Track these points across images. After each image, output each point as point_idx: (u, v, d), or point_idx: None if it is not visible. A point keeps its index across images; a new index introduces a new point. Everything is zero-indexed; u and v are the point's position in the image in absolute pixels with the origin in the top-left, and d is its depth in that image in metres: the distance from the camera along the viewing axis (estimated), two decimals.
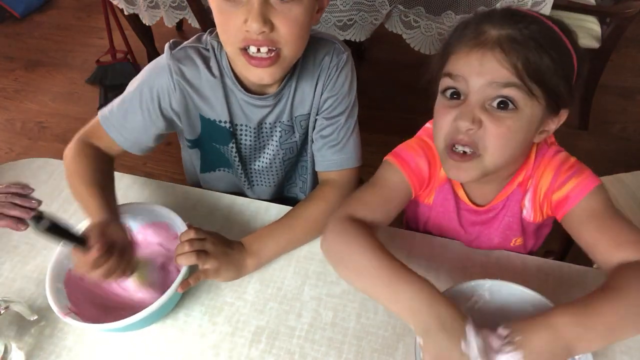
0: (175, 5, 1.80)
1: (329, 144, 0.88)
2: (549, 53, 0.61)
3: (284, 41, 0.71)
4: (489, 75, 0.62)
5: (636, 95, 2.20)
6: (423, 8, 1.55)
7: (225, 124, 0.87)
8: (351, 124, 0.89)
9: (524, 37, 0.61)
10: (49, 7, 3.21)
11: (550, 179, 0.72)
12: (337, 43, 0.86)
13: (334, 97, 0.86)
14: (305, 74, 0.84)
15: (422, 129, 0.81)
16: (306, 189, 1.03)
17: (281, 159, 0.95)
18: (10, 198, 0.92)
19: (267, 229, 0.82)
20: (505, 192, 0.77)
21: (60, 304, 0.69)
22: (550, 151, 0.74)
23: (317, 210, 0.84)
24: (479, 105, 0.63)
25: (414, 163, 0.77)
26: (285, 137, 0.91)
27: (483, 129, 0.63)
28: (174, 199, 0.93)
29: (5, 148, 2.26)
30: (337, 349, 0.71)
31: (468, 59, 0.63)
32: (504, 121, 0.63)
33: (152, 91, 0.82)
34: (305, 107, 0.87)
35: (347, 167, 0.89)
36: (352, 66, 0.87)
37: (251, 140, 0.91)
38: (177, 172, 2.05)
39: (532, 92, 0.62)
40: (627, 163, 1.70)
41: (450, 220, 0.82)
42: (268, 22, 0.68)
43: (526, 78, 0.61)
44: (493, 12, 0.66)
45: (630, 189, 1.26)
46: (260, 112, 0.86)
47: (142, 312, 0.67)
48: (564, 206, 0.70)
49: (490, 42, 0.62)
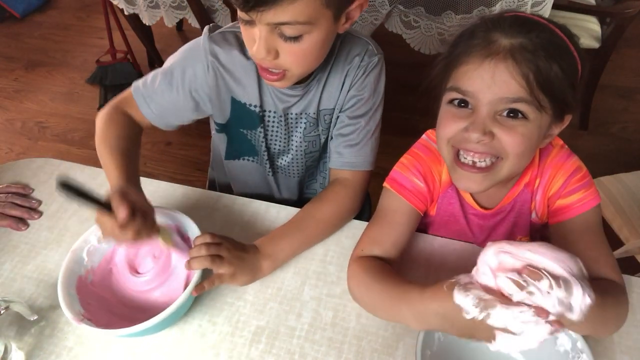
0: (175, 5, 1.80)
1: (348, 143, 0.88)
2: (558, 62, 0.60)
3: (289, 67, 0.72)
4: (499, 90, 0.60)
5: (636, 95, 2.20)
6: (423, 8, 1.55)
7: (256, 108, 0.88)
8: (372, 127, 0.89)
9: (535, 47, 0.60)
10: (49, 7, 3.21)
11: (561, 183, 0.73)
12: (371, 44, 0.86)
13: (358, 97, 0.86)
14: (335, 70, 0.85)
15: (418, 142, 0.81)
16: (325, 185, 1.03)
17: (303, 151, 0.95)
18: (11, 198, 0.92)
19: (280, 230, 0.82)
20: (513, 193, 0.77)
21: (73, 311, 0.69)
22: (562, 153, 0.75)
23: (328, 211, 0.85)
24: (489, 116, 0.62)
25: (410, 184, 0.77)
26: (310, 129, 0.91)
27: (497, 140, 0.63)
28: (174, 199, 0.93)
29: (5, 148, 2.26)
30: (337, 349, 0.71)
31: (479, 71, 0.61)
32: (516, 129, 0.62)
33: (184, 73, 0.83)
34: (331, 101, 0.88)
35: (362, 169, 0.89)
36: (382, 70, 0.87)
37: (278, 128, 0.91)
38: (177, 172, 2.05)
39: (541, 104, 0.61)
40: (627, 163, 1.70)
41: (456, 223, 0.82)
42: (272, 52, 0.69)
43: (537, 90, 0.60)
44: (501, 19, 0.64)
45: (630, 189, 1.26)
46: (289, 100, 0.87)
47: (158, 317, 0.66)
48: (563, 214, 0.72)
49: (503, 52, 0.60)
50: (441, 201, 0.80)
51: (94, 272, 0.77)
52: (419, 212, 0.78)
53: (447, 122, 0.66)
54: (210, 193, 0.95)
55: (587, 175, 0.73)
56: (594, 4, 1.78)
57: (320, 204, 0.86)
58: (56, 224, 0.90)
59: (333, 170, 0.92)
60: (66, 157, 1.04)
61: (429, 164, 0.77)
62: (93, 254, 0.77)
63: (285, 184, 1.02)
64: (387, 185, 0.79)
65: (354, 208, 0.89)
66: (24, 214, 0.91)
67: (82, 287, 0.74)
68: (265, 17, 0.64)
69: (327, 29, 0.70)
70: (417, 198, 0.77)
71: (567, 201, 0.72)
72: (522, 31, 0.61)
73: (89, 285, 0.75)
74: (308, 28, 0.67)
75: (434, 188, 0.78)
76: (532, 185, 0.76)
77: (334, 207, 0.85)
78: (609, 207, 1.23)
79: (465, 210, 0.80)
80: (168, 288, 0.76)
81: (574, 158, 0.75)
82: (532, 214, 0.78)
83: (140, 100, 0.86)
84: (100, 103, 2.40)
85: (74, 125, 2.34)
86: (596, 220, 0.71)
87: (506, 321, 0.51)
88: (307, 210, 0.85)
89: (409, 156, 0.79)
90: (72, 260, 0.74)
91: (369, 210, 1.13)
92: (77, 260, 0.75)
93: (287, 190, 1.03)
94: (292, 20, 0.65)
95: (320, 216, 0.84)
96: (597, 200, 0.71)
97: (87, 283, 0.75)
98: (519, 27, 0.61)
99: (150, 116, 0.87)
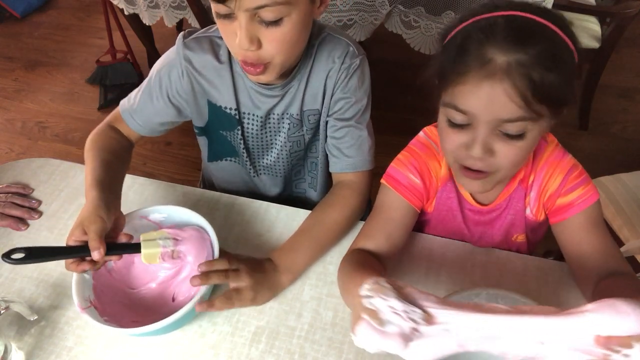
0: (175, 5, 1.80)
1: (344, 146, 0.89)
2: (557, 69, 0.58)
3: (272, 56, 0.73)
4: (498, 112, 0.59)
5: (636, 95, 2.20)
6: (423, 8, 1.56)
7: (232, 111, 0.88)
8: (364, 127, 0.89)
9: (532, 60, 0.57)
10: (49, 7, 3.21)
11: (559, 182, 0.73)
12: (352, 45, 0.86)
13: (345, 99, 0.86)
14: (317, 71, 0.85)
15: (415, 138, 0.81)
16: (316, 185, 1.03)
17: (288, 151, 0.95)
18: (11, 198, 0.92)
19: (293, 241, 0.82)
20: (508, 190, 0.77)
21: (82, 296, 0.69)
22: (557, 151, 0.75)
23: (339, 216, 0.85)
24: (488, 132, 0.62)
25: (406, 180, 0.77)
26: (294, 130, 0.91)
27: (497, 155, 0.63)
28: (174, 199, 0.93)
29: (5, 148, 2.26)
30: (337, 349, 0.71)
31: (477, 93, 0.59)
32: (515, 144, 0.62)
33: (161, 81, 0.87)
34: (316, 103, 0.88)
35: (363, 169, 0.89)
36: (365, 70, 0.87)
37: (257, 129, 0.92)
38: (177, 172, 2.05)
39: (539, 114, 0.60)
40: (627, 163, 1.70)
41: (453, 219, 0.82)
42: (255, 42, 0.70)
43: (535, 105, 0.58)
44: (494, 26, 0.59)
45: (630, 189, 1.26)
46: (268, 101, 0.87)
47: (160, 323, 0.65)
48: (565, 212, 0.72)
49: (500, 72, 0.57)
50: (440, 195, 0.80)
51: (116, 261, 0.77)
52: (415, 209, 0.78)
53: (448, 137, 0.66)
54: (210, 193, 0.95)
55: (584, 172, 0.74)
56: (594, 4, 1.77)
57: (328, 209, 0.86)
58: (56, 224, 0.90)
59: (335, 174, 0.92)
60: (66, 157, 1.04)
61: (425, 160, 0.77)
62: None
63: (270, 183, 1.02)
64: (383, 182, 0.79)
65: (362, 209, 0.89)
66: (24, 214, 0.91)
67: (100, 272, 0.74)
68: (244, 3, 0.65)
69: (305, 11, 0.71)
70: (412, 194, 0.77)
71: (568, 199, 0.72)
72: (518, 42, 0.57)
73: (108, 272, 0.76)
74: (287, 9, 0.68)
75: (430, 184, 0.79)
76: (526, 182, 0.76)
77: (342, 211, 0.85)
78: (609, 207, 1.23)
79: (462, 206, 0.81)
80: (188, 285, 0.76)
81: (569, 156, 0.75)
82: (527, 209, 0.78)
83: (126, 115, 0.90)
84: (100, 103, 2.40)
85: (74, 125, 2.34)
86: (599, 216, 0.72)
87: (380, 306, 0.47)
88: (316, 216, 0.85)
89: (405, 152, 0.80)
90: None
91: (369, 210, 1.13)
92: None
93: (273, 189, 1.03)
94: (271, 1, 0.66)
95: (330, 222, 0.84)
96: (596, 196, 0.72)
97: (106, 269, 0.76)
98: (514, 37, 0.58)
99: (137, 129, 0.91)
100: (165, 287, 0.78)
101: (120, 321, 0.69)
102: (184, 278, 0.77)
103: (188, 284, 0.76)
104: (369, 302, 0.48)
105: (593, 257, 0.69)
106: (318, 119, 0.90)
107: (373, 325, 0.47)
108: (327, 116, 0.89)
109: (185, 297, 0.76)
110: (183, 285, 0.77)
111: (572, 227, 0.72)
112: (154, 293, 0.78)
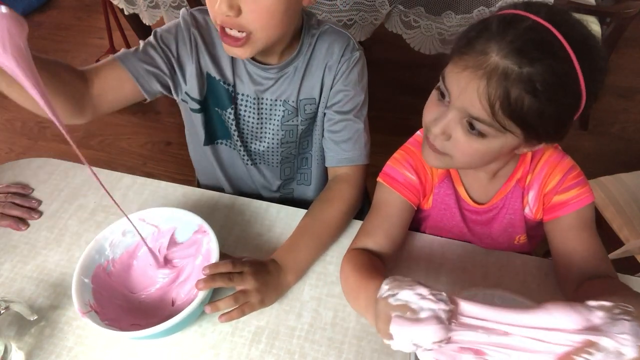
0: (176, 5, 1.80)
1: (341, 139, 0.89)
2: (545, 99, 0.56)
3: (253, 27, 0.71)
4: (465, 103, 0.60)
5: (636, 95, 2.20)
6: (423, 8, 1.56)
7: (229, 87, 0.88)
8: (361, 122, 0.90)
9: (520, 76, 0.55)
10: (49, 7, 3.21)
11: (557, 180, 0.74)
12: (352, 39, 0.87)
13: (344, 92, 0.87)
14: (316, 60, 0.85)
15: (411, 137, 0.82)
16: (310, 179, 1.03)
17: (280, 140, 0.94)
18: (11, 198, 0.93)
19: (294, 240, 0.82)
20: (505, 189, 0.78)
21: (82, 300, 0.68)
22: (556, 153, 0.76)
23: (337, 211, 0.85)
24: (455, 119, 0.62)
25: (402, 177, 0.78)
26: (288, 117, 0.91)
27: (453, 141, 0.64)
28: (174, 199, 0.93)
29: (5, 148, 2.26)
30: (337, 349, 0.71)
31: (458, 78, 0.60)
32: (472, 140, 0.62)
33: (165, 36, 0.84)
34: (314, 92, 0.88)
35: (359, 163, 0.90)
36: (364, 65, 0.88)
37: (250, 112, 0.91)
38: (177, 172, 2.05)
39: (506, 128, 0.59)
40: (627, 163, 1.70)
41: (452, 217, 0.82)
42: (235, 7, 0.68)
43: (500, 117, 0.58)
44: (510, 27, 0.57)
45: (630, 189, 1.26)
46: (262, 83, 0.87)
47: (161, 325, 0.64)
48: (560, 209, 0.73)
49: (484, 70, 0.57)
50: (437, 192, 0.81)
51: (114, 263, 0.77)
52: (412, 205, 0.79)
53: (428, 106, 0.68)
54: (210, 193, 0.95)
55: (582, 174, 0.75)
56: (594, 4, 1.77)
57: (327, 205, 0.86)
58: (56, 224, 0.90)
59: (331, 168, 0.93)
60: (66, 157, 1.03)
61: (420, 157, 0.77)
62: (116, 245, 0.77)
63: (267, 175, 1.02)
64: (380, 180, 0.80)
65: (358, 203, 0.90)
66: (24, 214, 0.91)
67: (99, 276, 0.74)
68: None
69: None
70: (409, 191, 0.78)
71: (564, 197, 0.73)
72: (520, 53, 0.55)
73: (107, 276, 0.75)
74: None
75: (426, 181, 0.80)
76: (523, 182, 0.77)
77: (340, 207, 0.85)
78: (609, 207, 1.23)
79: (460, 205, 0.81)
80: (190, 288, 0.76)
81: (568, 158, 0.76)
82: (526, 208, 0.79)
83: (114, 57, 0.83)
84: None
85: (74, 126, 2.33)
86: (591, 218, 0.73)
87: (408, 297, 0.48)
88: (314, 213, 0.85)
89: (401, 151, 0.81)
90: (93, 248, 0.74)
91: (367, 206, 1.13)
92: (99, 249, 0.75)
93: (271, 181, 1.03)
94: None
95: (329, 218, 0.84)
96: (591, 198, 0.73)
97: (105, 273, 0.75)
98: (520, 46, 0.55)
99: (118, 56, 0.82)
100: (164, 291, 0.78)
101: (121, 324, 0.69)
102: (182, 282, 0.78)
103: (187, 287, 0.76)
104: (395, 298, 0.48)
105: (578, 257, 0.70)
106: (315, 110, 0.90)
107: (406, 318, 0.47)
108: (326, 108, 0.89)
109: (184, 300, 0.75)
110: (182, 289, 0.77)
111: (562, 226, 0.73)
112: (153, 297, 0.77)
